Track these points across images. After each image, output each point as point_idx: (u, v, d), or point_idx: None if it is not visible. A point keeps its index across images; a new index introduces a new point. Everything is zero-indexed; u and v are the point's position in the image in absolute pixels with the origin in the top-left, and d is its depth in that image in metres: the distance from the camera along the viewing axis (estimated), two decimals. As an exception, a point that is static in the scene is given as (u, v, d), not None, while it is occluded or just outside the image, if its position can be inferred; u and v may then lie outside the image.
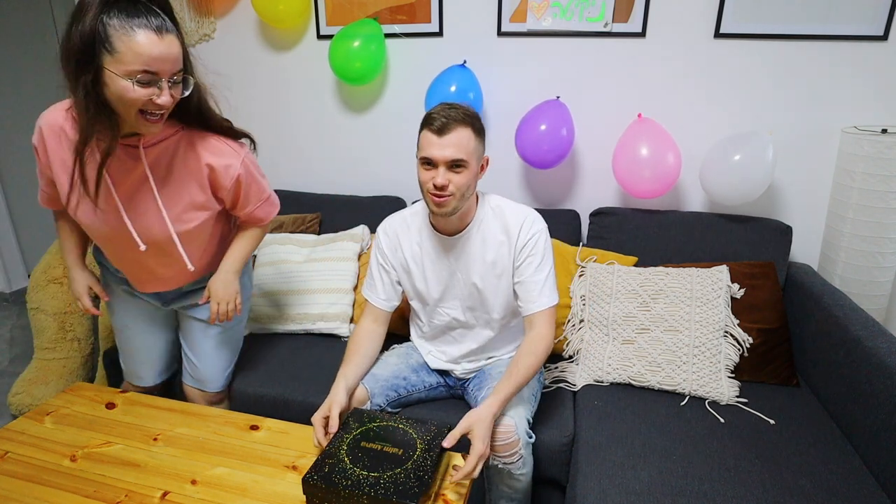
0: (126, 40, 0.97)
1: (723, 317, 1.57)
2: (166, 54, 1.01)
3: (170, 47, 1.01)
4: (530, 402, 1.34)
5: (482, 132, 1.28)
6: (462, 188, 1.25)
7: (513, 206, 1.38)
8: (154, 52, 0.99)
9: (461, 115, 1.22)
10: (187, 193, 1.24)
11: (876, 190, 1.61)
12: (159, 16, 1.01)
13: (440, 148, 1.22)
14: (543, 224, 1.36)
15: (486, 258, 1.36)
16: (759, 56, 1.76)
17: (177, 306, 1.47)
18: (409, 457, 1.09)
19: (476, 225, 1.36)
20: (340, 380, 1.30)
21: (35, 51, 3.17)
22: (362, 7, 2.04)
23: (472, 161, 1.25)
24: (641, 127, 1.79)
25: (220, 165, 1.25)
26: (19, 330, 2.80)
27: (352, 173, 2.26)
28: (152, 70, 1.00)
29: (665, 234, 1.80)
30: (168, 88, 1.04)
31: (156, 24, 0.99)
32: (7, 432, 1.28)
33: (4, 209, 3.13)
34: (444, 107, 1.24)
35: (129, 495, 1.09)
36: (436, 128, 1.22)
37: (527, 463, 1.27)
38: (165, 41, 1.00)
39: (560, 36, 1.90)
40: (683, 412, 1.44)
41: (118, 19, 0.96)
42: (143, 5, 1.00)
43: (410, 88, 2.09)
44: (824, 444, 1.30)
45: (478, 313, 1.43)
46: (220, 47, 2.27)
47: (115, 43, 0.97)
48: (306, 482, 1.03)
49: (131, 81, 1.00)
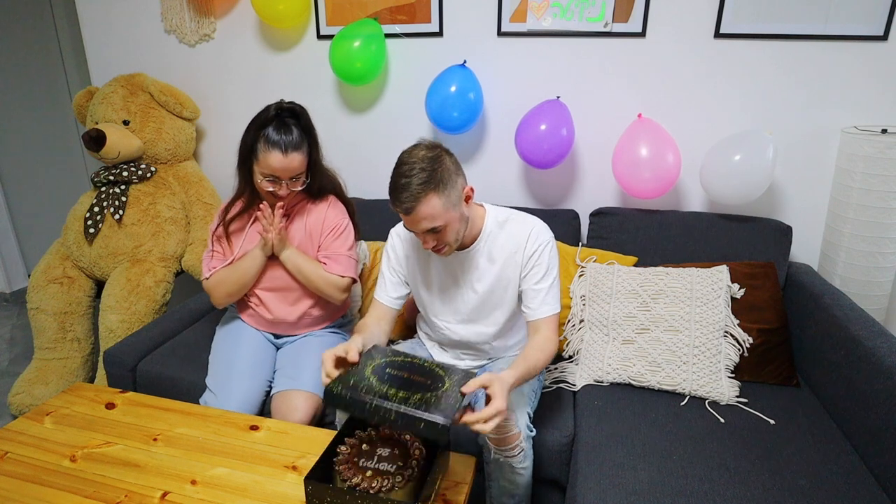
0: (263, 155, 1.45)
1: (723, 317, 1.57)
2: (287, 167, 1.46)
3: (291, 162, 1.46)
4: (530, 398, 1.36)
5: (447, 181, 1.22)
6: (452, 237, 1.27)
7: (519, 218, 1.39)
8: (277, 166, 1.45)
9: (417, 188, 1.19)
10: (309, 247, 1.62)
11: (876, 190, 1.61)
12: (291, 134, 1.45)
13: (413, 224, 1.24)
14: (549, 235, 1.37)
15: (493, 272, 1.37)
16: (759, 56, 1.76)
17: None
18: (437, 387, 1.05)
19: (483, 239, 1.37)
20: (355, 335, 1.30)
21: (36, 52, 3.17)
22: (362, 7, 2.04)
23: (449, 217, 1.24)
24: (641, 127, 1.79)
25: (329, 217, 1.62)
26: (19, 330, 2.81)
27: (352, 174, 2.25)
28: (275, 175, 1.47)
29: (665, 234, 1.80)
30: (287, 185, 1.50)
31: (286, 143, 1.44)
32: (7, 432, 1.28)
33: (4, 209, 3.13)
34: (400, 182, 1.20)
35: (128, 495, 1.09)
36: (402, 210, 1.22)
37: (528, 456, 1.28)
38: (289, 158, 1.45)
39: (560, 36, 1.90)
40: (683, 412, 1.44)
41: (264, 140, 1.44)
42: (286, 126, 1.45)
43: (410, 88, 2.09)
44: (824, 444, 1.30)
45: (477, 326, 1.43)
46: (220, 47, 2.27)
47: (259, 155, 1.46)
48: (329, 393, 0.98)
49: (262, 179, 1.48)
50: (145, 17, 2.30)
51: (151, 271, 2.02)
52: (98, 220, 2.04)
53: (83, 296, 2.13)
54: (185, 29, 2.26)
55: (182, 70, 2.32)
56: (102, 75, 2.40)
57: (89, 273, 2.12)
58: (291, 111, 1.49)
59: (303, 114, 1.50)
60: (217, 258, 1.61)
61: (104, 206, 2.05)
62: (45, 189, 3.30)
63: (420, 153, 1.24)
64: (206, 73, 2.31)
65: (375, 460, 1.08)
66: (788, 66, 1.75)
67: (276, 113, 1.47)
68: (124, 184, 2.10)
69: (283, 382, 1.50)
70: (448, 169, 1.24)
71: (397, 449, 1.12)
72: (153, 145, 2.16)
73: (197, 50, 2.29)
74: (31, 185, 3.25)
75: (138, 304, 1.95)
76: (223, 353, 1.59)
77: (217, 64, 2.29)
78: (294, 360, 1.57)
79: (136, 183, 2.12)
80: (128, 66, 2.35)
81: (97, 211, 2.04)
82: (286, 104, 1.49)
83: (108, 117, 2.13)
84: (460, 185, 1.28)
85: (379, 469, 1.06)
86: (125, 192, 2.08)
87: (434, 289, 1.43)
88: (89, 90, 2.27)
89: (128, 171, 2.10)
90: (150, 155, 2.18)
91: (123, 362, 1.68)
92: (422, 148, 1.26)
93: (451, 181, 1.24)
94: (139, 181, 2.12)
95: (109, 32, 2.38)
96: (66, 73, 3.31)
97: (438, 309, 1.46)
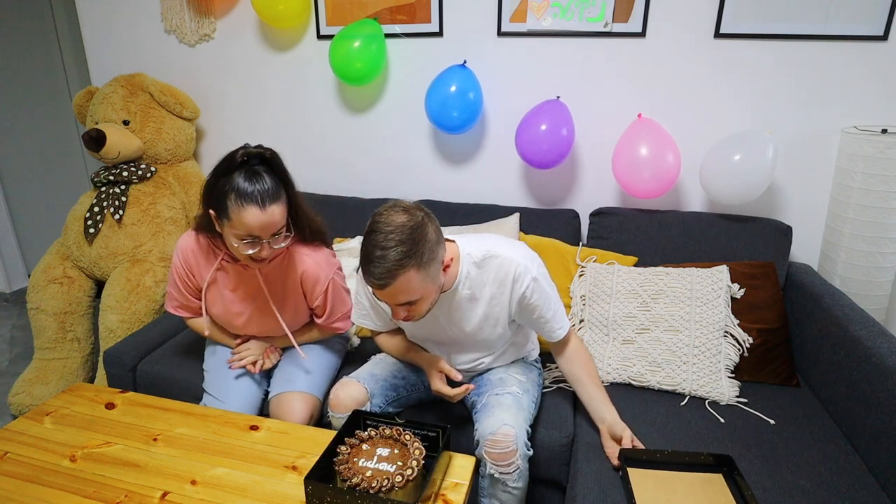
0: (237, 214, 1.22)
1: (723, 317, 1.57)
2: (267, 223, 1.24)
3: (271, 216, 1.24)
4: (529, 409, 1.33)
5: (428, 255, 1.10)
6: (425, 308, 1.18)
7: (499, 254, 1.26)
8: (255, 224, 1.22)
9: (394, 263, 1.05)
10: (292, 297, 1.48)
11: (876, 190, 1.61)
12: (265, 182, 1.22)
13: (385, 297, 1.13)
14: (534, 268, 1.26)
15: (478, 312, 1.30)
16: (759, 56, 1.76)
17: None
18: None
19: (461, 283, 1.26)
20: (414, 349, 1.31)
21: (36, 52, 3.17)
22: (362, 7, 2.04)
23: (426, 290, 1.14)
24: (641, 127, 1.79)
25: (312, 279, 1.45)
26: (19, 330, 2.80)
27: (352, 174, 2.26)
28: (254, 235, 1.25)
29: (665, 234, 1.80)
30: (268, 245, 1.28)
31: (261, 194, 1.21)
32: (7, 432, 1.28)
33: (4, 209, 3.13)
34: (374, 253, 1.07)
35: (128, 495, 1.09)
36: (375, 285, 1.09)
37: (522, 476, 1.25)
38: (268, 212, 1.23)
39: (560, 36, 1.90)
40: (683, 412, 1.44)
41: (235, 195, 1.21)
42: (257, 175, 1.23)
43: (410, 88, 2.09)
44: (824, 444, 1.30)
45: (470, 354, 1.42)
46: (220, 47, 2.27)
47: (231, 214, 1.22)
48: None
49: (238, 242, 1.26)
50: (145, 17, 2.31)
51: (151, 271, 2.02)
52: (98, 220, 2.04)
53: (83, 296, 2.13)
54: (185, 29, 2.26)
55: (182, 70, 2.33)
56: (102, 75, 2.40)
57: (89, 273, 2.12)
58: (260, 157, 1.26)
59: (273, 158, 1.27)
60: (180, 307, 1.54)
61: (104, 206, 2.05)
62: (45, 189, 3.30)
63: (398, 219, 1.08)
64: (206, 73, 2.31)
65: (375, 460, 1.08)
66: (788, 66, 1.75)
67: (242, 160, 1.24)
68: (124, 184, 2.10)
69: (279, 385, 1.50)
70: (430, 241, 1.10)
71: (397, 449, 1.12)
72: (153, 145, 2.16)
73: (197, 50, 2.29)
74: (31, 185, 3.25)
75: (138, 304, 1.95)
76: (219, 358, 1.57)
77: (217, 64, 2.29)
78: (290, 364, 1.56)
79: (136, 183, 2.12)
80: (128, 66, 2.35)
81: (97, 211, 2.04)
82: (253, 149, 1.25)
83: (108, 117, 2.13)
84: (440, 256, 1.14)
85: (379, 469, 1.06)
86: (125, 192, 2.08)
87: (419, 329, 1.40)
88: (89, 90, 2.27)
89: (128, 171, 2.10)
90: (150, 155, 2.18)
91: (123, 362, 1.68)
92: (400, 212, 1.09)
93: (433, 255, 1.11)
94: (139, 181, 2.12)
95: (109, 32, 2.38)
96: (66, 73, 3.31)
97: (430, 346, 1.45)
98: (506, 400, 1.30)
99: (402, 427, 1.17)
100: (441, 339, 1.40)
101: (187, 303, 1.52)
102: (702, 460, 1.20)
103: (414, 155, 2.18)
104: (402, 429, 1.16)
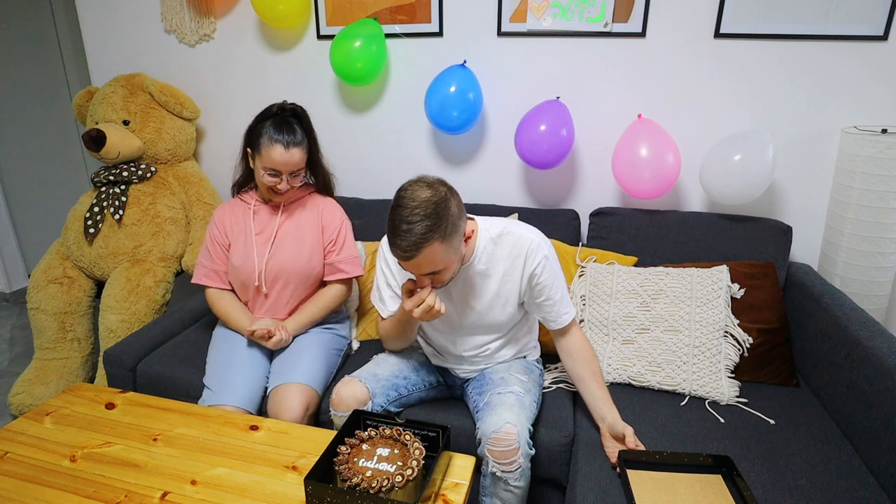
0: (266, 150, 1.53)
1: (723, 317, 1.57)
2: (288, 161, 1.54)
3: (292, 157, 1.54)
4: (531, 408, 1.33)
5: (452, 228, 1.15)
6: (448, 277, 1.24)
7: (514, 231, 1.33)
8: (279, 160, 1.53)
9: (420, 236, 1.11)
10: (309, 237, 1.67)
11: (876, 190, 1.61)
12: (293, 132, 1.54)
13: (411, 268, 1.19)
14: (546, 246, 1.34)
15: (490, 288, 1.35)
16: (759, 56, 1.76)
17: None
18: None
19: (477, 257, 1.33)
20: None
21: (36, 52, 3.17)
22: (362, 7, 2.04)
23: (449, 260, 1.19)
24: (641, 127, 1.79)
25: (331, 214, 1.71)
26: (19, 330, 2.80)
27: (352, 174, 2.26)
28: (276, 169, 1.54)
29: (665, 234, 1.80)
30: (287, 180, 1.57)
31: (287, 139, 1.52)
32: (7, 432, 1.28)
33: (4, 209, 3.13)
34: (401, 227, 1.12)
35: (128, 496, 1.09)
36: (401, 257, 1.16)
37: (524, 475, 1.25)
38: (290, 153, 1.53)
39: (560, 36, 1.90)
40: (683, 412, 1.44)
41: (267, 136, 1.52)
42: (288, 124, 1.54)
43: (411, 88, 2.09)
44: (824, 444, 1.30)
45: (476, 339, 1.43)
46: (220, 47, 2.26)
47: (262, 150, 1.54)
48: None
49: (263, 173, 1.56)
50: (145, 17, 2.30)
51: (151, 271, 2.02)
52: (98, 220, 2.04)
53: (83, 296, 2.13)
54: (185, 29, 2.26)
55: (182, 70, 2.32)
56: (102, 75, 2.40)
57: (89, 273, 2.12)
58: (294, 111, 1.60)
59: (304, 115, 1.61)
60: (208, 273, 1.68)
61: (104, 206, 2.05)
62: (45, 189, 3.30)
63: (423, 194, 1.14)
64: (206, 73, 2.31)
65: (375, 460, 1.08)
66: (788, 66, 1.75)
67: (278, 112, 1.58)
68: (124, 184, 2.10)
69: (277, 378, 1.51)
70: (452, 214, 1.16)
71: (397, 449, 1.12)
72: (153, 145, 2.16)
73: (197, 50, 2.29)
74: (31, 185, 3.25)
75: (138, 304, 1.95)
76: (221, 352, 1.60)
77: (217, 64, 2.29)
78: (288, 357, 1.58)
79: (136, 183, 2.12)
80: (128, 66, 2.35)
81: (97, 211, 2.04)
82: (289, 105, 1.60)
83: (108, 117, 2.13)
84: (462, 229, 1.20)
85: (379, 469, 1.06)
86: (125, 192, 2.08)
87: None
88: (89, 90, 2.27)
89: (128, 171, 2.10)
90: (150, 155, 2.18)
91: (123, 362, 1.68)
92: (424, 187, 1.16)
93: (455, 228, 1.17)
94: (139, 181, 2.12)
95: (109, 32, 2.38)
96: (66, 73, 3.31)
97: (436, 335, 1.46)
98: (508, 399, 1.30)
99: (402, 427, 1.17)
100: (450, 321, 1.41)
101: (215, 267, 1.67)
102: (701, 461, 1.20)
103: (414, 155, 2.18)
104: (403, 429, 1.16)
